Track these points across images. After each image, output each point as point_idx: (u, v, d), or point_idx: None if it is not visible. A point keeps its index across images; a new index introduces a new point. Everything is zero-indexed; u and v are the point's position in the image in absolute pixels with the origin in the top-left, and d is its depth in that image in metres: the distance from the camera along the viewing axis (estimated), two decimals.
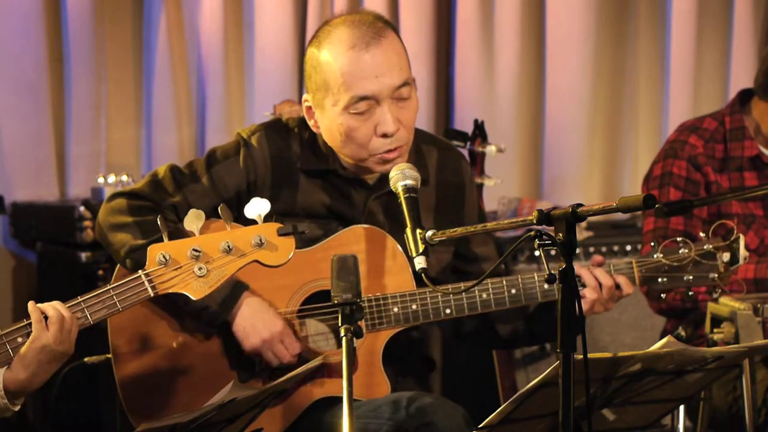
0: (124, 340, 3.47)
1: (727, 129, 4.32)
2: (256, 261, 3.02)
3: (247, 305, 3.46)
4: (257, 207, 3.02)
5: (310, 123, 3.56)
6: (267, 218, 3.03)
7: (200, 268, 2.99)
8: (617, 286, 3.56)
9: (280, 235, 3.02)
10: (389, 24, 3.54)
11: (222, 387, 3.12)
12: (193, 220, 2.99)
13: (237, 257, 3.01)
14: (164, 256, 2.99)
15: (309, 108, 3.55)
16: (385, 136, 3.47)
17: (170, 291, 3.00)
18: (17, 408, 3.11)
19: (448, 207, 3.70)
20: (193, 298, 3.00)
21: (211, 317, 3.45)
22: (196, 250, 2.99)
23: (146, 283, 3.00)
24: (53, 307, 3.00)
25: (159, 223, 3.00)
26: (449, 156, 3.75)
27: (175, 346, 3.49)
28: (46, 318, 2.99)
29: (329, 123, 3.50)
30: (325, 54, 3.46)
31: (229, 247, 3.00)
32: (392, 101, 3.47)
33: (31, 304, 3.01)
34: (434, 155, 3.71)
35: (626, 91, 6.06)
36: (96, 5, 5.63)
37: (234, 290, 3.44)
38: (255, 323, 3.45)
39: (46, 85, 5.59)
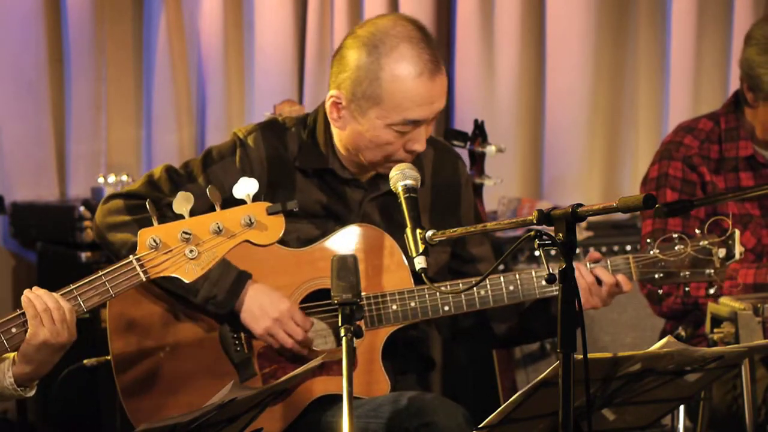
0: (124, 341, 3.47)
1: (723, 129, 4.32)
2: (247, 241, 3.00)
3: (253, 291, 3.46)
4: (246, 187, 3.01)
5: (333, 116, 3.54)
6: (256, 198, 3.02)
7: (191, 251, 2.98)
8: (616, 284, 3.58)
9: (270, 214, 3.01)
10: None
11: (222, 386, 3.12)
12: (182, 202, 2.99)
13: (227, 238, 2.99)
14: (154, 240, 2.98)
15: (338, 104, 3.53)
16: (412, 152, 3.50)
17: (162, 275, 2.99)
18: (32, 393, 3.11)
19: (444, 207, 3.71)
20: (186, 281, 2.99)
21: (218, 306, 3.45)
22: (186, 233, 2.98)
23: (137, 267, 2.99)
24: (45, 301, 2.99)
25: (148, 206, 2.99)
26: (445, 156, 3.76)
27: (174, 345, 3.49)
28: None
29: (363, 130, 3.50)
30: (389, 71, 3.45)
31: (218, 228, 2.98)
32: (428, 123, 3.51)
33: (24, 298, 3.01)
34: (430, 156, 3.71)
35: (626, 91, 6.06)
36: (96, 5, 5.63)
37: (238, 279, 3.44)
38: (263, 306, 3.45)
39: (46, 85, 5.59)
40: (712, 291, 3.66)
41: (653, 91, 6.08)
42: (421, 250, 3.15)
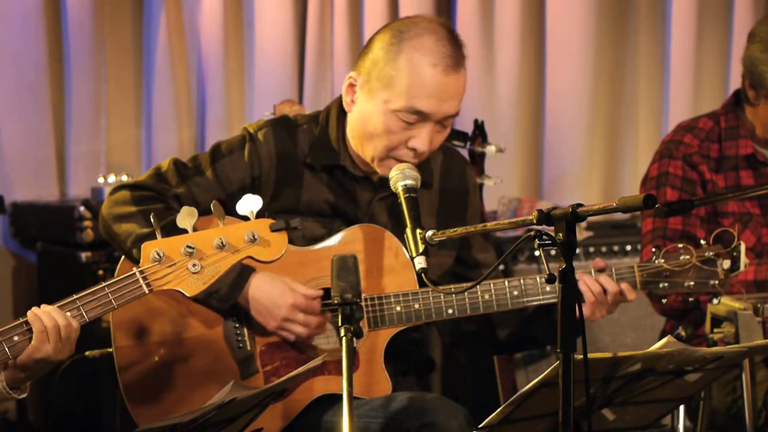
0: (126, 333, 3.47)
1: (723, 128, 4.32)
2: (250, 257, 3.02)
3: (254, 289, 3.45)
4: (249, 203, 3.02)
5: (347, 99, 3.56)
6: (259, 214, 3.03)
7: (194, 265, 2.99)
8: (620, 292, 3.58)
9: (273, 230, 3.02)
10: (464, 50, 3.56)
11: (223, 381, 3.13)
12: (186, 217, 3.00)
13: (230, 253, 3.01)
14: (158, 254, 2.99)
15: (353, 86, 3.55)
16: (413, 150, 3.49)
17: (165, 288, 3.01)
18: (24, 395, 3.12)
19: (451, 212, 3.71)
20: (188, 295, 3.00)
21: (221, 300, 3.44)
22: (189, 247, 2.99)
23: (141, 280, 3.01)
24: (55, 317, 3.00)
25: (152, 220, 3.01)
26: (454, 161, 3.76)
27: (177, 341, 3.49)
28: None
29: (370, 112, 3.51)
30: (406, 55, 3.46)
31: (222, 243, 3.00)
32: (435, 124, 3.50)
33: (31, 313, 3.01)
34: (439, 159, 3.72)
35: (626, 91, 6.06)
36: (96, 5, 5.63)
37: (241, 273, 3.44)
38: (267, 306, 3.45)
39: (46, 85, 5.59)
40: (715, 301, 3.67)
41: (653, 91, 6.08)
42: (421, 250, 3.15)
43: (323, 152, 3.60)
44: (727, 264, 3.63)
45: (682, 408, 4.03)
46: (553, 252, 2.81)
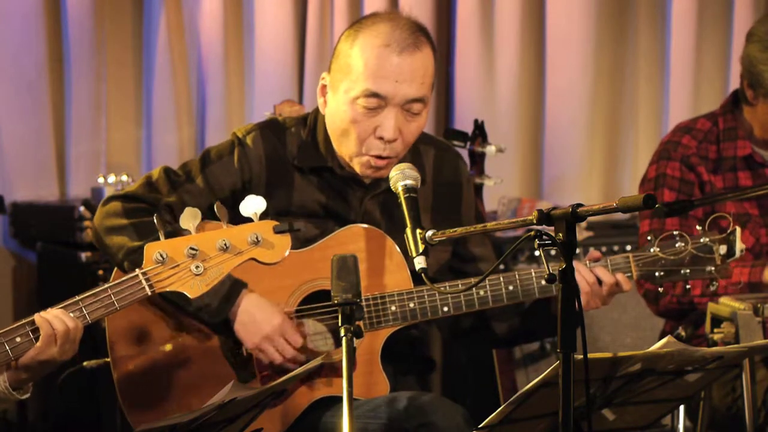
0: (123, 343, 3.47)
1: (721, 129, 4.32)
2: (253, 259, 3.02)
3: (247, 302, 3.45)
4: (253, 205, 3.01)
5: (320, 100, 3.57)
6: (263, 216, 3.03)
7: (197, 267, 2.99)
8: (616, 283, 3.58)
9: (276, 232, 3.02)
10: (430, 40, 3.54)
11: (220, 387, 3.12)
12: (189, 218, 2.99)
13: (233, 255, 3.01)
14: (161, 255, 2.99)
15: (324, 86, 3.56)
16: (381, 139, 3.48)
17: (167, 289, 3.00)
18: (27, 395, 3.12)
19: (445, 206, 3.71)
20: (191, 297, 3.00)
21: (211, 315, 3.44)
22: (192, 249, 2.99)
23: (144, 281, 3.00)
24: (63, 322, 2.99)
25: (156, 221, 3.00)
26: (446, 155, 3.76)
27: (173, 348, 3.49)
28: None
29: (336, 107, 3.52)
30: (359, 42, 3.47)
31: (225, 245, 3.00)
32: (400, 110, 3.48)
33: (39, 317, 3.00)
34: (431, 154, 3.71)
35: (626, 91, 6.06)
36: (96, 5, 5.63)
37: (233, 287, 3.44)
38: (255, 320, 3.44)
39: (46, 85, 5.59)
40: (712, 288, 3.65)
41: (653, 91, 6.08)
42: (421, 250, 3.15)
43: (311, 154, 3.61)
44: (723, 250, 3.61)
45: (682, 408, 4.02)
46: (553, 252, 2.81)
